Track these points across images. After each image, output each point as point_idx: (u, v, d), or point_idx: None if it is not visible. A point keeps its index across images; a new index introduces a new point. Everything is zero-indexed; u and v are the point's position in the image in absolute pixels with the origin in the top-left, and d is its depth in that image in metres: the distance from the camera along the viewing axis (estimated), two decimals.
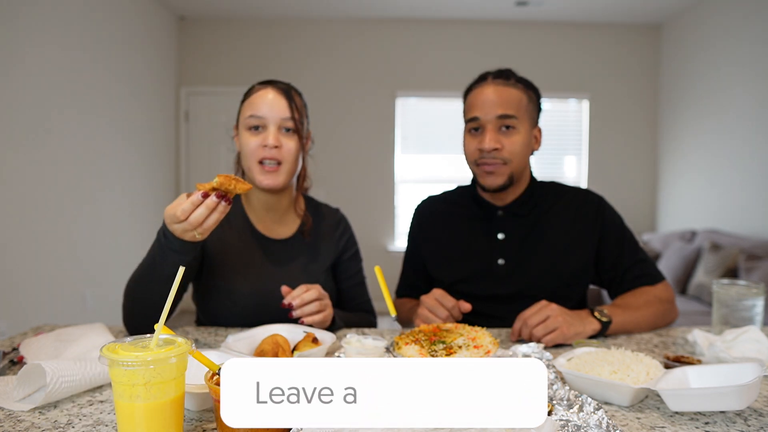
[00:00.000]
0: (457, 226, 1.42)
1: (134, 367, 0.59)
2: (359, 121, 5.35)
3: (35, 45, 3.16)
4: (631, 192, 5.42)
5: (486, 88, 1.31)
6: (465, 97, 1.39)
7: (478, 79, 1.36)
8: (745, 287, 1.16)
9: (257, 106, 1.21)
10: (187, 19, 5.25)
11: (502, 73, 1.34)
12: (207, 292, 1.27)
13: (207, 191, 0.90)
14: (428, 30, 5.31)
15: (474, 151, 1.32)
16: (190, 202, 0.90)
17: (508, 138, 1.30)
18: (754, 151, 4.05)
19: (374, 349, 0.95)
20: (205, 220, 0.91)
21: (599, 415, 0.69)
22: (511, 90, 1.30)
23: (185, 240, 0.97)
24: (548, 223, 1.37)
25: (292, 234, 1.33)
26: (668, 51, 5.24)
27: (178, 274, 0.69)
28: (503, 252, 1.36)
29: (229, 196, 0.91)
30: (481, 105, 1.30)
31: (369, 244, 5.27)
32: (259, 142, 1.20)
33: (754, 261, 3.47)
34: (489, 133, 1.29)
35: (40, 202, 3.26)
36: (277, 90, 1.23)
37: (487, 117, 1.29)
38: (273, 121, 1.20)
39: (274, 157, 1.20)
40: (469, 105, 1.34)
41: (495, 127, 1.29)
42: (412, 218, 1.52)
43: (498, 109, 1.28)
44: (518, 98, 1.30)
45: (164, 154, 4.99)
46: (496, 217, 1.38)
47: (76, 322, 1.26)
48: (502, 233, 1.37)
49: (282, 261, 1.29)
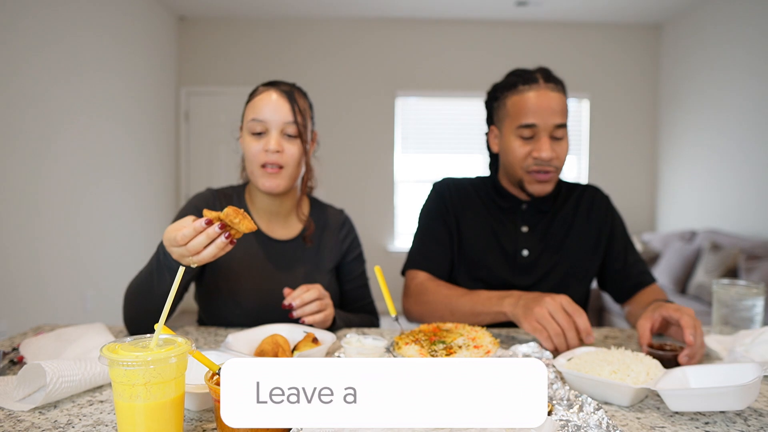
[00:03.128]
0: (482, 212, 1.41)
1: (134, 367, 0.59)
2: (359, 121, 5.35)
3: (35, 45, 3.16)
4: (631, 192, 5.42)
5: (541, 93, 1.26)
6: (504, 95, 1.33)
7: (526, 80, 1.29)
8: (745, 287, 1.16)
9: (259, 109, 1.19)
10: (187, 19, 5.25)
11: (550, 77, 1.29)
12: (210, 293, 1.27)
13: (212, 219, 0.86)
14: (428, 30, 5.31)
15: (526, 158, 1.29)
16: (191, 228, 0.86)
17: (559, 146, 1.29)
18: (753, 151, 4.05)
19: (374, 349, 0.95)
20: (203, 249, 0.87)
21: (599, 415, 0.69)
22: (561, 96, 1.29)
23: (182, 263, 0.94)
24: (566, 218, 1.39)
25: (295, 235, 1.33)
26: (668, 51, 5.24)
27: (178, 275, 0.69)
28: (527, 244, 1.37)
29: (232, 233, 0.88)
30: (539, 111, 1.25)
31: (369, 244, 5.27)
32: (261, 146, 1.19)
33: (754, 261, 3.47)
34: (546, 142, 1.26)
35: (41, 202, 3.26)
36: (279, 93, 1.21)
37: (545, 125, 1.26)
38: (275, 125, 1.19)
39: (276, 162, 1.19)
40: (521, 108, 1.28)
41: (549, 135, 1.27)
42: (434, 193, 1.45)
43: (556, 117, 1.26)
44: (565, 106, 1.29)
45: (164, 154, 4.98)
46: (521, 210, 1.40)
47: (76, 322, 1.26)
48: (526, 226, 1.39)
49: (285, 261, 1.29)
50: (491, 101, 1.38)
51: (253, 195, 1.31)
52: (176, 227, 0.89)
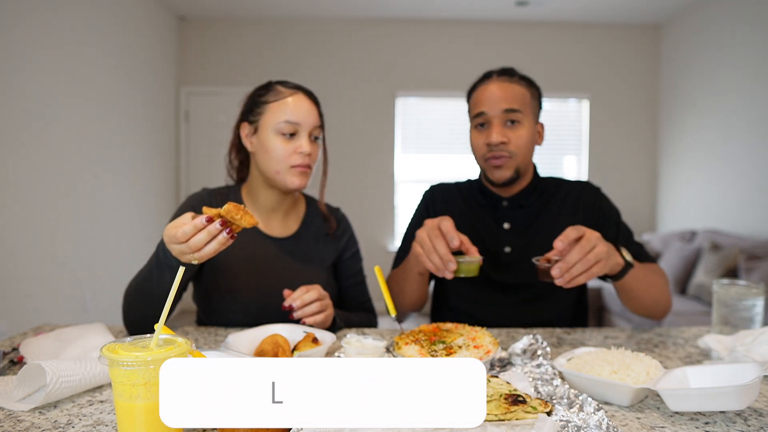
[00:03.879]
0: (465, 213, 1.45)
1: (134, 367, 0.59)
2: (359, 121, 5.35)
3: (35, 45, 3.16)
4: (631, 192, 5.42)
5: (491, 85, 1.34)
6: (469, 95, 1.41)
7: (483, 77, 1.38)
8: (745, 287, 1.16)
9: (292, 111, 1.22)
10: (187, 19, 5.25)
11: (505, 71, 1.37)
12: (209, 291, 1.27)
13: (212, 216, 0.87)
14: (428, 30, 5.31)
15: (481, 146, 1.35)
16: (192, 225, 0.87)
17: (514, 132, 1.32)
18: (753, 151, 4.05)
19: (374, 349, 0.95)
20: (204, 246, 0.88)
21: (599, 415, 0.69)
22: (515, 86, 1.34)
23: (182, 261, 0.95)
24: (551, 212, 1.40)
25: (293, 232, 1.34)
26: (668, 51, 5.24)
27: (178, 275, 0.69)
28: (509, 240, 1.39)
29: (233, 228, 0.88)
30: (487, 100, 1.32)
31: (369, 244, 5.27)
32: (293, 148, 1.22)
33: (754, 261, 3.47)
34: (496, 128, 1.31)
35: (41, 202, 3.26)
36: (308, 97, 1.26)
37: (494, 111, 1.31)
38: (306, 128, 1.23)
39: (307, 164, 1.24)
40: (475, 101, 1.37)
41: (501, 121, 1.32)
42: (422, 199, 1.53)
43: (504, 103, 1.31)
44: (522, 93, 1.33)
45: (164, 154, 4.99)
46: (502, 208, 1.41)
47: (76, 323, 1.26)
48: (508, 223, 1.40)
49: (283, 258, 1.30)
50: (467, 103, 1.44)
51: (255, 193, 1.31)
52: (176, 224, 0.89)
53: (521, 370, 0.91)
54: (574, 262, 1.02)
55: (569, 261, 1.02)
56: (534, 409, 0.71)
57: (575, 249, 1.02)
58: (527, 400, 0.72)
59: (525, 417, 0.70)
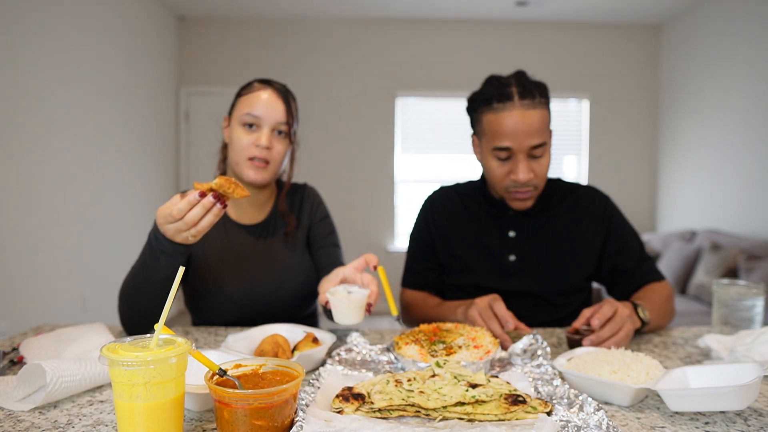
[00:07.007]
0: (469, 220, 1.42)
1: (134, 367, 0.59)
2: (359, 121, 5.35)
3: (35, 45, 3.16)
4: (631, 192, 5.42)
5: (514, 114, 1.21)
6: (479, 109, 1.28)
7: (501, 96, 1.23)
8: (745, 287, 1.15)
9: (255, 105, 1.24)
10: (187, 19, 5.25)
11: (526, 92, 1.22)
12: (195, 287, 1.30)
13: (204, 191, 0.89)
14: (428, 30, 5.31)
15: (504, 178, 1.28)
16: (186, 201, 0.89)
17: (538, 163, 1.26)
18: (754, 151, 4.05)
19: (360, 301, 1.00)
20: (200, 220, 0.91)
21: (599, 416, 0.69)
22: (538, 112, 1.22)
23: (177, 242, 0.96)
24: (557, 221, 1.38)
25: (265, 217, 1.37)
26: (668, 51, 5.24)
27: (178, 275, 0.69)
28: (514, 249, 1.37)
29: (225, 199, 0.91)
30: (512, 134, 1.21)
31: (369, 244, 5.27)
32: (251, 140, 1.24)
33: (754, 261, 3.47)
34: (522, 164, 1.23)
35: (40, 202, 3.26)
36: (276, 92, 1.26)
37: (520, 147, 1.22)
38: (268, 122, 1.24)
39: (264, 157, 1.24)
40: (496, 130, 1.23)
41: (526, 156, 1.24)
42: (422, 206, 1.49)
43: (531, 139, 1.22)
44: (544, 119, 1.24)
45: (164, 154, 4.99)
46: (507, 216, 1.39)
47: (76, 322, 1.26)
48: (513, 231, 1.38)
49: (260, 244, 1.33)
50: (470, 111, 1.34)
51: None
52: (168, 205, 0.92)
53: (521, 370, 0.91)
54: (605, 338, 1.02)
55: (602, 336, 1.01)
56: (534, 409, 0.71)
57: (608, 326, 1.03)
58: (527, 400, 0.72)
59: (525, 417, 0.70)
